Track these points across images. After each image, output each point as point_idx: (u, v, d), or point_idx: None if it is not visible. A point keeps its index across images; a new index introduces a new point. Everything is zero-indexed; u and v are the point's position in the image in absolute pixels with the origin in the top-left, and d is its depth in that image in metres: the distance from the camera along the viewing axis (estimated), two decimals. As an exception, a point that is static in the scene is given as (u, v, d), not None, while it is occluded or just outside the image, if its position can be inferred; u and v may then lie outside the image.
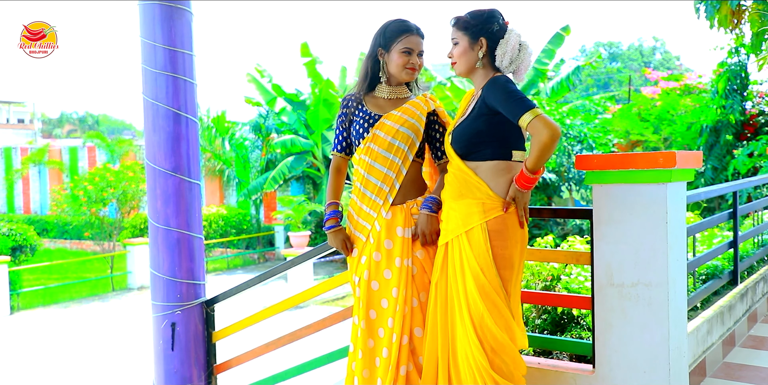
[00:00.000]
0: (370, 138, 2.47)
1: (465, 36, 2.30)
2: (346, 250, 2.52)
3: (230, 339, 3.71)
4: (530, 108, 2.09)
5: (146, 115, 3.52)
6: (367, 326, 2.42)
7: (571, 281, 3.37)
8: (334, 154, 2.63)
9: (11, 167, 23.08)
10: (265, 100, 15.60)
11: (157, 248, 3.50)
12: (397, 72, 2.49)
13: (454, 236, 2.24)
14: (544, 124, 2.05)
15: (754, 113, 11.92)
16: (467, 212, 2.21)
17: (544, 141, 2.05)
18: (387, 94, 2.55)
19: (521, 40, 2.28)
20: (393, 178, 2.45)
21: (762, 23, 5.72)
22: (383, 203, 2.45)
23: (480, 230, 2.18)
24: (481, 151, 2.23)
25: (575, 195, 13.39)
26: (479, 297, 2.15)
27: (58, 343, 8.53)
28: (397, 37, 2.47)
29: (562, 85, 13.47)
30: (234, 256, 15.63)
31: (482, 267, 2.16)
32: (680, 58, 51.89)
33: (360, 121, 2.51)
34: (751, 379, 3.13)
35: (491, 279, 2.16)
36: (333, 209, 2.56)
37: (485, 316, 2.14)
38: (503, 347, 2.16)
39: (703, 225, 3.46)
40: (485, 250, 2.16)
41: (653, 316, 2.28)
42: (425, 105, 2.53)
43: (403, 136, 2.45)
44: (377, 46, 2.51)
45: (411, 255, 2.41)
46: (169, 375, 3.51)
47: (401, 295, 2.36)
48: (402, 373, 2.33)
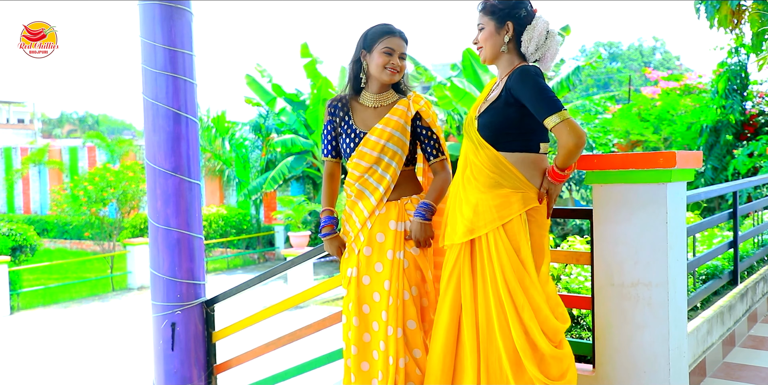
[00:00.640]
0: (357, 155, 2.48)
1: (491, 21, 2.24)
2: (341, 256, 2.55)
3: (230, 339, 3.71)
4: (558, 110, 2.03)
5: (146, 115, 3.52)
6: (362, 321, 2.43)
7: (571, 281, 3.37)
8: (326, 159, 2.63)
9: (11, 167, 23.08)
10: (265, 100, 15.60)
11: (157, 248, 3.50)
12: (377, 72, 2.48)
13: (488, 230, 2.14)
14: (570, 129, 2.01)
15: (754, 113, 11.92)
16: (505, 203, 2.13)
17: (569, 147, 2.03)
18: (371, 102, 2.55)
19: (549, 27, 2.23)
20: (381, 192, 2.45)
21: (762, 23, 5.72)
22: (369, 216, 2.45)
23: (520, 220, 2.13)
24: (510, 143, 2.17)
25: (575, 195, 13.40)
26: (520, 289, 2.09)
27: (58, 343, 8.53)
28: (379, 38, 2.47)
29: (562, 85, 13.45)
30: (234, 256, 15.63)
31: (523, 259, 2.11)
32: (680, 58, 51.93)
33: (346, 138, 2.53)
34: (751, 379, 3.13)
35: (530, 271, 2.11)
36: (328, 216, 2.57)
37: (525, 306, 2.09)
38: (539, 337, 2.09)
39: (703, 225, 3.46)
40: (525, 241, 2.12)
41: (653, 316, 2.28)
42: (408, 110, 2.50)
43: (389, 151, 2.45)
44: (360, 49, 2.52)
45: (403, 249, 2.41)
46: (169, 375, 3.51)
47: (393, 287, 2.36)
48: (401, 365, 2.34)
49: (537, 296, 2.11)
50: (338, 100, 2.59)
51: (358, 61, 2.54)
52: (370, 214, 2.45)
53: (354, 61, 2.56)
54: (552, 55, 2.25)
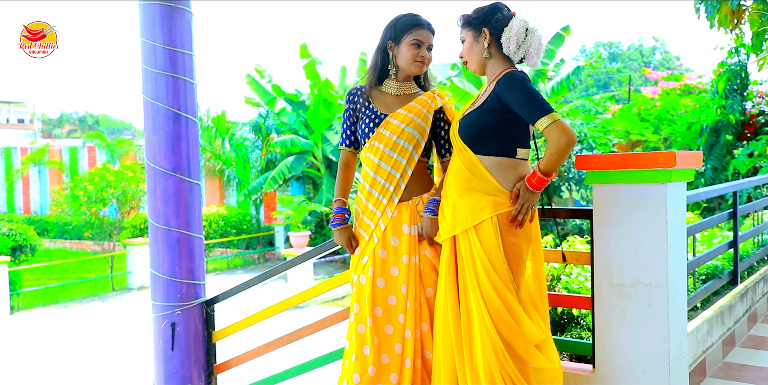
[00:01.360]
0: (376, 137, 2.46)
1: (469, 31, 2.31)
2: (350, 248, 2.52)
3: (230, 339, 3.71)
4: (548, 112, 2.07)
5: (146, 115, 3.52)
6: (374, 324, 2.41)
7: (571, 281, 3.37)
8: (342, 148, 2.62)
9: (11, 167, 23.07)
10: (265, 100, 15.60)
11: (157, 248, 3.50)
12: (405, 65, 2.48)
13: (461, 230, 2.21)
14: (562, 130, 2.04)
15: (754, 113, 11.92)
16: (476, 206, 2.18)
17: (561, 147, 2.05)
18: (394, 90, 2.54)
19: (528, 25, 2.25)
20: (398, 178, 2.44)
21: (762, 23, 5.72)
22: (388, 203, 2.44)
23: (490, 224, 2.16)
24: (487, 146, 2.21)
25: (575, 195, 13.40)
26: (493, 291, 2.13)
27: (58, 343, 8.53)
28: (408, 30, 2.47)
29: (562, 85, 13.45)
30: (234, 256, 15.63)
31: (493, 262, 2.14)
32: (680, 58, 51.92)
33: (366, 119, 2.50)
34: (751, 379, 3.13)
35: (502, 274, 2.14)
36: (339, 206, 2.53)
37: (501, 309, 2.13)
38: (516, 339, 2.15)
39: (703, 225, 3.46)
40: (496, 245, 2.15)
41: (653, 316, 2.28)
42: (433, 102, 2.51)
43: (409, 135, 2.44)
44: (387, 39, 2.51)
45: (418, 252, 2.42)
46: (169, 375, 3.51)
47: (411, 291, 2.37)
48: (417, 366, 2.37)
49: (509, 299, 2.14)
50: (358, 88, 2.58)
51: (384, 51, 2.52)
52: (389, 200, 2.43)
53: (381, 50, 2.53)
54: (536, 50, 2.26)
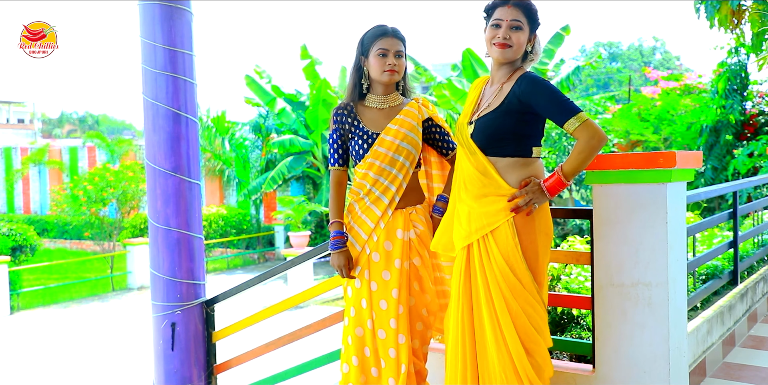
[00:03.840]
0: (371, 155, 2.46)
1: (527, 26, 2.22)
2: (347, 271, 2.46)
3: (230, 339, 3.71)
4: (577, 112, 2.05)
5: (146, 115, 3.52)
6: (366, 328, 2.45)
7: (571, 281, 3.37)
8: (333, 168, 2.58)
9: (11, 167, 23.07)
10: (265, 100, 15.59)
11: (157, 248, 3.50)
12: (376, 76, 2.48)
13: (478, 237, 2.16)
14: (593, 130, 2.04)
15: (754, 113, 11.92)
16: (492, 210, 2.14)
17: (593, 145, 2.04)
18: (378, 104, 2.54)
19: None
20: (394, 191, 2.46)
21: (762, 23, 5.72)
22: (382, 215, 2.45)
23: (507, 226, 2.12)
24: (503, 147, 2.17)
25: (575, 195, 13.41)
26: (512, 297, 2.09)
27: (58, 343, 8.53)
28: (373, 41, 2.47)
29: (562, 85, 13.44)
30: (234, 256, 15.63)
31: (512, 265, 2.10)
32: (680, 58, 51.91)
33: (359, 140, 2.50)
34: (751, 379, 3.13)
35: (522, 277, 2.10)
36: (337, 229, 2.49)
37: (520, 315, 2.09)
38: (537, 347, 2.12)
39: (703, 225, 3.46)
40: (513, 246, 2.11)
41: (653, 316, 2.28)
42: (420, 113, 2.52)
43: (404, 150, 2.46)
44: (359, 55, 2.52)
45: (409, 259, 2.43)
46: (169, 375, 3.51)
47: (402, 296, 2.38)
48: (412, 370, 2.39)
49: (532, 303, 2.11)
50: (343, 107, 2.55)
51: (359, 68, 2.53)
52: (383, 213, 2.44)
53: (355, 68, 2.54)
54: (539, 56, 2.32)
